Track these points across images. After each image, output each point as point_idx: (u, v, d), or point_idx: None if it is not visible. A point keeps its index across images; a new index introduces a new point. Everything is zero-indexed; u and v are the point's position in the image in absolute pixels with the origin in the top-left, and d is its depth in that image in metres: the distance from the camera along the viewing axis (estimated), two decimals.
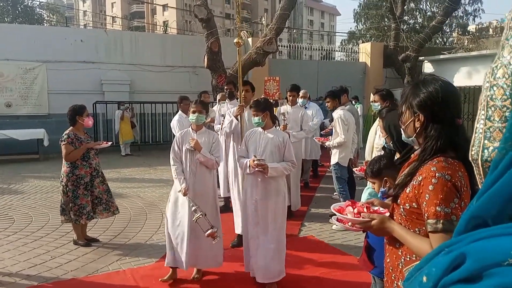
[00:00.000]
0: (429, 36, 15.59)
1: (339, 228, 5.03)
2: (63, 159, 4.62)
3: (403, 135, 1.71)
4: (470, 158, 0.74)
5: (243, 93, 4.99)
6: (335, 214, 1.98)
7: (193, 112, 3.87)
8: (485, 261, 0.58)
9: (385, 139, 2.97)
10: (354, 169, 4.69)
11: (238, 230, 4.70)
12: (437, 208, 1.42)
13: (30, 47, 11.84)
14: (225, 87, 6.26)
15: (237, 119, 4.92)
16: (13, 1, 25.82)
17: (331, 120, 7.43)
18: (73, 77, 12.21)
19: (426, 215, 1.46)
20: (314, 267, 4.13)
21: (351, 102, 9.28)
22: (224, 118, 5.43)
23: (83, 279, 3.89)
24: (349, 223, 2.64)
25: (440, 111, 1.53)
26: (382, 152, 4.15)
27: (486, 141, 0.70)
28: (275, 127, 4.01)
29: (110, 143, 5.33)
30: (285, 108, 6.07)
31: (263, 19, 16.78)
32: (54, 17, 30.41)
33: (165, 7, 49.80)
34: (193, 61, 13.38)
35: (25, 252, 4.52)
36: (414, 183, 1.54)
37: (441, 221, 1.40)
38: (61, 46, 12.22)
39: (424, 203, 1.46)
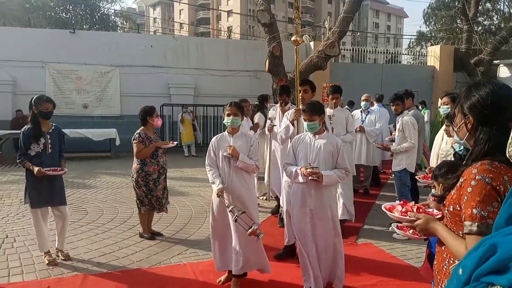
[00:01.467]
0: (506, 38, 14.56)
1: (400, 236, 4.87)
2: (134, 156, 4.93)
3: (455, 137, 1.68)
4: (507, 155, 0.75)
5: (300, 94, 4.52)
6: (395, 222, 1.98)
7: (228, 115, 3.67)
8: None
9: (452, 144, 2.88)
10: (417, 177, 4.53)
11: (286, 240, 4.42)
12: (473, 210, 1.40)
13: (105, 52, 12.73)
14: (278, 98, 5.69)
15: (293, 124, 4.49)
16: (91, 9, 27.89)
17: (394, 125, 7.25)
18: (143, 80, 12.94)
19: (463, 216, 1.45)
20: (371, 275, 4.03)
21: (417, 107, 8.92)
22: (271, 122, 5.17)
23: (147, 269, 4.12)
24: (410, 231, 2.59)
25: (490, 114, 1.49)
26: (449, 158, 3.99)
27: None
28: (327, 131, 3.76)
29: (176, 142, 5.59)
30: (329, 111, 5.46)
31: (326, 23, 16.64)
32: (127, 24, 32.38)
33: (229, 13, 51.07)
34: (255, 65, 13.61)
35: (96, 242, 4.87)
36: (458, 185, 1.52)
37: (476, 223, 1.38)
38: (133, 51, 13.01)
39: (463, 204, 1.45)
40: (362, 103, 7.71)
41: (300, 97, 4.48)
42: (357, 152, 7.25)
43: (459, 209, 1.51)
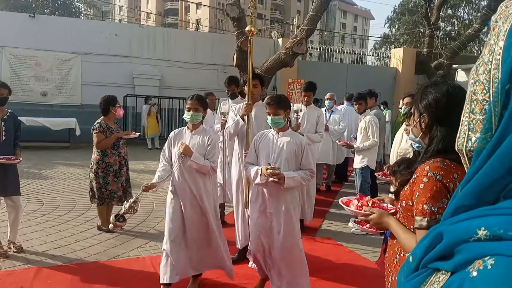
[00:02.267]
0: (464, 44, 15.21)
1: (358, 231, 5.00)
2: (94, 147, 4.79)
3: (410, 135, 1.75)
4: (456, 149, 0.80)
5: (251, 89, 4.14)
6: (353, 217, 2.04)
7: (188, 110, 3.41)
8: (455, 238, 0.65)
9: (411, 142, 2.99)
10: (376, 174, 4.66)
11: (239, 244, 4.23)
12: (424, 206, 1.45)
13: (67, 39, 12.26)
14: (226, 89, 5.62)
15: (243, 120, 4.10)
16: None
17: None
18: (106, 70, 12.57)
19: (414, 212, 1.50)
20: (330, 270, 4.12)
21: (379, 107, 9.18)
22: (224, 117, 4.72)
23: (104, 262, 4.02)
24: (367, 225, 2.67)
25: (445, 113, 1.54)
26: (408, 156, 4.13)
27: (470, 133, 0.77)
28: (291, 129, 3.50)
29: (138, 133, 5.49)
30: (298, 106, 5.09)
31: (294, 20, 16.77)
32: (91, 11, 31.34)
33: (198, 5, 50.46)
34: (223, 59, 13.52)
35: (52, 234, 4.70)
36: (411, 181, 1.58)
37: (426, 218, 1.44)
38: (96, 39, 12.60)
39: (414, 200, 1.51)
40: (326, 102, 7.66)
41: (251, 92, 4.11)
42: (322, 151, 7.12)
43: (411, 204, 1.55)
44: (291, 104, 4.88)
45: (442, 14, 20.48)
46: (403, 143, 4.56)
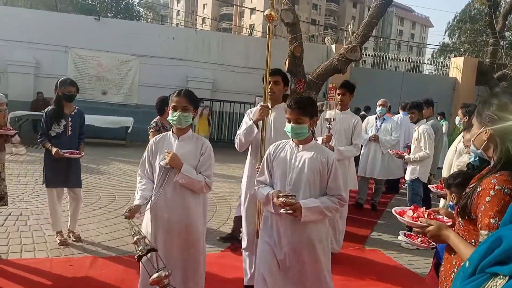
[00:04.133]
0: None
1: (408, 245, 4.84)
2: None
3: (471, 147, 1.68)
4: None
5: (269, 86, 3.44)
6: (404, 230, 1.99)
7: (174, 109, 2.69)
8: None
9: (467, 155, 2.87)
10: (430, 186, 4.49)
11: (247, 280, 3.44)
12: (490, 220, 1.39)
13: (128, 41, 12.87)
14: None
15: (257, 126, 3.35)
16: None
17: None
18: (161, 71, 13.06)
19: (479, 225, 1.44)
20: (376, 281, 4.02)
21: (436, 118, 8.81)
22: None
23: None
24: (418, 239, 2.58)
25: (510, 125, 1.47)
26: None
27: None
28: (315, 141, 2.72)
29: None
30: (331, 113, 4.27)
31: (349, 26, 16.54)
32: (151, 14, 32.66)
33: (253, 10, 51.11)
34: (275, 64, 13.49)
35: (107, 226, 4.95)
36: (475, 194, 1.51)
37: None
38: (154, 42, 13.13)
39: (480, 214, 1.45)
40: (378, 109, 7.01)
41: (268, 90, 3.43)
42: (369, 164, 6.60)
43: (474, 218, 1.50)
44: (324, 111, 4.43)
45: (508, 23, 19.34)
46: (460, 156, 4.37)
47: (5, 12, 12.80)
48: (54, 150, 4.11)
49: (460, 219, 1.60)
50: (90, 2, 28.06)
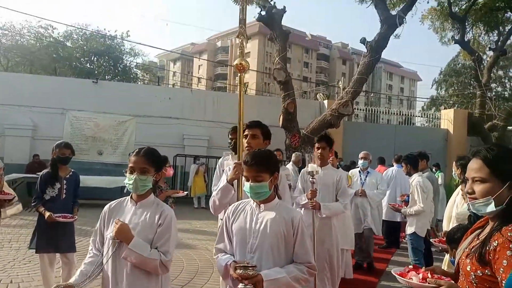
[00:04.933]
0: None
1: None
2: None
3: (466, 206, 1.67)
4: None
5: (245, 141, 3.17)
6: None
7: (130, 171, 2.32)
8: None
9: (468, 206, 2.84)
10: (432, 240, 4.39)
11: None
12: None
13: (125, 102, 13.15)
14: (229, 137, 4.25)
15: (232, 185, 2.98)
16: (114, 61, 29.25)
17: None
18: (158, 131, 13.22)
19: (504, 281, 1.37)
20: None
21: (431, 170, 8.82)
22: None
23: None
24: None
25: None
26: (465, 223, 3.90)
27: None
28: (278, 199, 2.35)
29: (186, 192, 5.63)
30: (313, 166, 3.88)
31: (340, 83, 17.07)
32: (148, 76, 33.68)
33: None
34: (269, 120, 13.68)
35: None
36: (488, 248, 1.46)
37: None
38: (151, 102, 13.43)
39: (501, 269, 1.39)
40: (360, 162, 6.61)
41: (245, 145, 3.12)
42: (363, 220, 6.20)
43: (489, 273, 1.45)
44: (308, 163, 4.01)
45: (492, 75, 20.07)
46: (456, 209, 4.32)
47: (4, 78, 13.17)
48: (47, 214, 4.05)
49: (473, 276, 1.53)
50: (89, 66, 28.98)
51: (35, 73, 23.27)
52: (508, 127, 14.20)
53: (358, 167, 6.80)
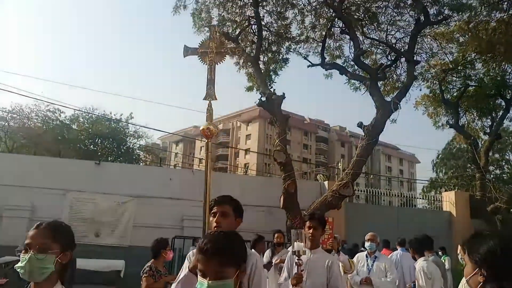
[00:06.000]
0: None
1: None
2: None
3: (466, 286, 1.63)
4: None
5: (214, 220, 2.78)
6: None
7: (25, 250, 1.88)
8: None
9: None
10: None
11: None
12: None
13: (126, 183, 13.18)
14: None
15: (195, 274, 2.23)
16: (117, 143, 29.87)
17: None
18: (157, 211, 13.08)
19: None
20: None
21: (438, 254, 8.56)
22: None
23: None
24: None
25: (505, 268, 1.47)
26: None
27: None
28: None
29: None
30: (300, 245, 3.39)
31: (339, 164, 17.29)
32: (150, 157, 34.17)
33: (247, 151, 53.81)
34: (269, 201, 13.77)
35: None
36: None
37: None
38: (152, 183, 13.46)
39: None
40: (367, 244, 6.13)
41: (214, 224, 2.73)
42: None
43: None
44: (294, 241, 3.43)
45: (489, 158, 20.39)
46: None
47: (6, 159, 13.38)
48: None
49: None
50: (93, 148, 29.55)
51: (39, 155, 23.67)
52: (511, 209, 14.08)
53: (363, 250, 6.43)
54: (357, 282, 5.60)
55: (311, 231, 3.75)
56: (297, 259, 3.32)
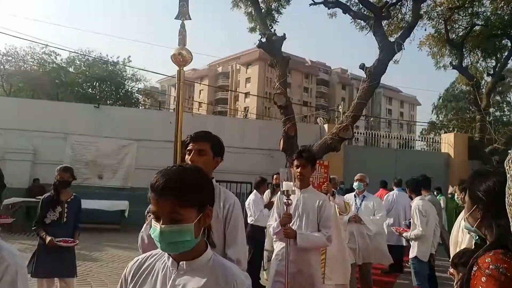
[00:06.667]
0: None
1: None
2: None
3: (465, 224, 1.68)
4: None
5: (188, 158, 2.49)
6: None
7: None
8: None
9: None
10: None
11: None
12: None
13: (126, 126, 13.20)
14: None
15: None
16: (116, 87, 29.53)
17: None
18: (159, 154, 13.19)
19: None
20: None
21: (434, 193, 8.77)
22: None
23: None
24: None
25: (500, 204, 1.46)
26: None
27: None
28: (211, 252, 1.42)
29: None
30: (289, 184, 3.26)
31: (339, 107, 17.21)
32: (149, 101, 33.95)
33: (247, 94, 53.40)
34: (269, 144, 13.88)
35: None
36: (472, 274, 1.46)
37: None
38: (152, 126, 13.48)
39: None
40: (355, 184, 6.12)
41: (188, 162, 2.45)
42: (362, 250, 5.66)
43: None
44: (283, 180, 3.28)
45: (491, 100, 20.25)
46: (460, 234, 4.26)
47: (6, 103, 13.28)
48: (48, 239, 4.01)
49: None
50: (91, 91, 29.25)
51: (38, 99, 23.48)
52: (509, 151, 14.23)
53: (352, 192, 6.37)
54: (345, 222, 5.57)
55: (299, 169, 3.49)
56: (286, 199, 3.19)
